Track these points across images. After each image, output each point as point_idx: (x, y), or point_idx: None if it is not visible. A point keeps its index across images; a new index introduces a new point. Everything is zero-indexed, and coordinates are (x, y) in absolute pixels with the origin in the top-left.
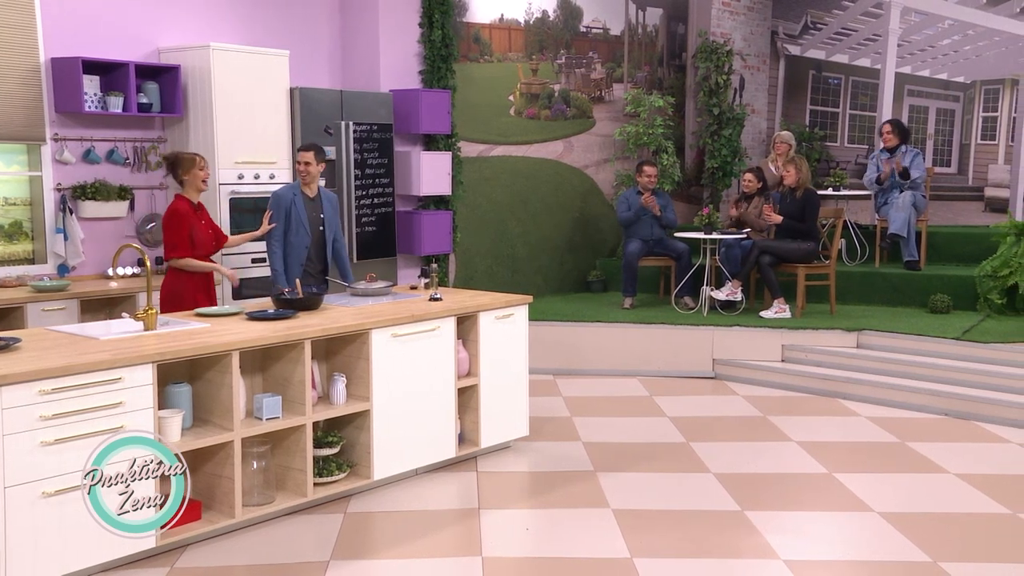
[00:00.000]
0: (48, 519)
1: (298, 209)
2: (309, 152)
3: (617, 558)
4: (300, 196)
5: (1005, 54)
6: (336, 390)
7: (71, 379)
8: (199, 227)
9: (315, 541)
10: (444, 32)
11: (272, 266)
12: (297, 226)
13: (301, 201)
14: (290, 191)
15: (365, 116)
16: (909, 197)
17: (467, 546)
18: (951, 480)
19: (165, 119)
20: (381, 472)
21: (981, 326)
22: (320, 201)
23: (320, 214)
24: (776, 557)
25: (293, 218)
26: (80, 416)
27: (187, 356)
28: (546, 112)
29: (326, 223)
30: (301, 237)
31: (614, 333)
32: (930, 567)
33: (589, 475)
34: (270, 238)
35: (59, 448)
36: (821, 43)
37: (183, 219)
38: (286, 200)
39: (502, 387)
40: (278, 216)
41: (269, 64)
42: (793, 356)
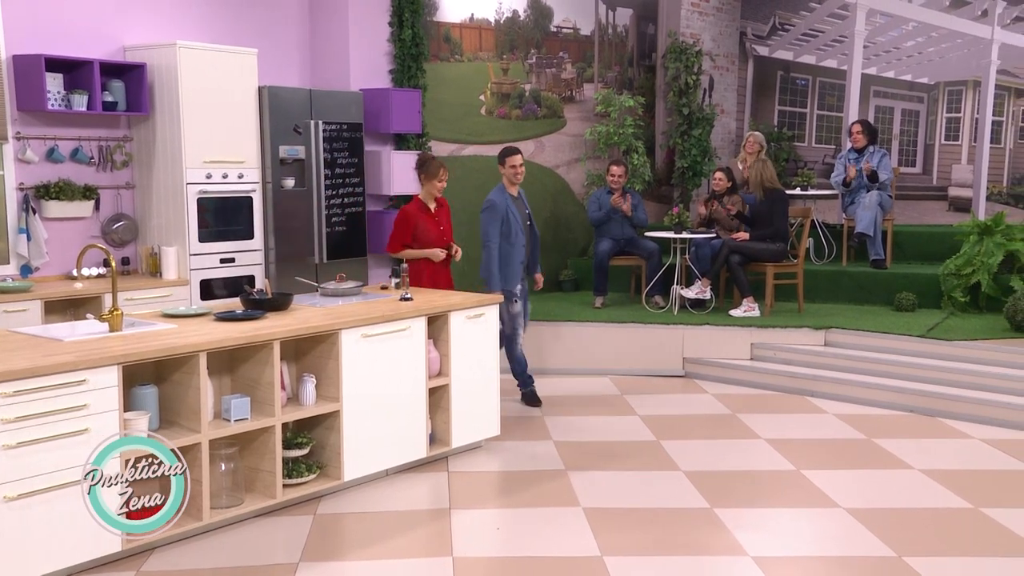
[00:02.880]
0: (10, 524)
1: (512, 213)
2: (519, 156)
3: (588, 556)
4: (510, 199)
5: (967, 56)
6: (306, 391)
7: (34, 381)
8: (425, 227)
9: (284, 543)
10: (414, 31)
11: (489, 269)
12: (516, 229)
13: (512, 204)
14: (502, 197)
15: (335, 115)
16: (876, 197)
17: (438, 546)
18: (916, 476)
19: (131, 118)
20: (351, 473)
21: (945, 324)
22: (522, 199)
23: (526, 210)
24: (744, 554)
25: (512, 222)
26: (43, 419)
27: (153, 357)
28: (517, 112)
29: (531, 219)
30: (519, 238)
31: (585, 332)
32: (895, 562)
33: (560, 474)
34: (488, 242)
35: (21, 452)
36: (789, 44)
37: (408, 219)
38: (502, 207)
39: (473, 387)
40: (494, 223)
41: (237, 62)
42: (762, 355)
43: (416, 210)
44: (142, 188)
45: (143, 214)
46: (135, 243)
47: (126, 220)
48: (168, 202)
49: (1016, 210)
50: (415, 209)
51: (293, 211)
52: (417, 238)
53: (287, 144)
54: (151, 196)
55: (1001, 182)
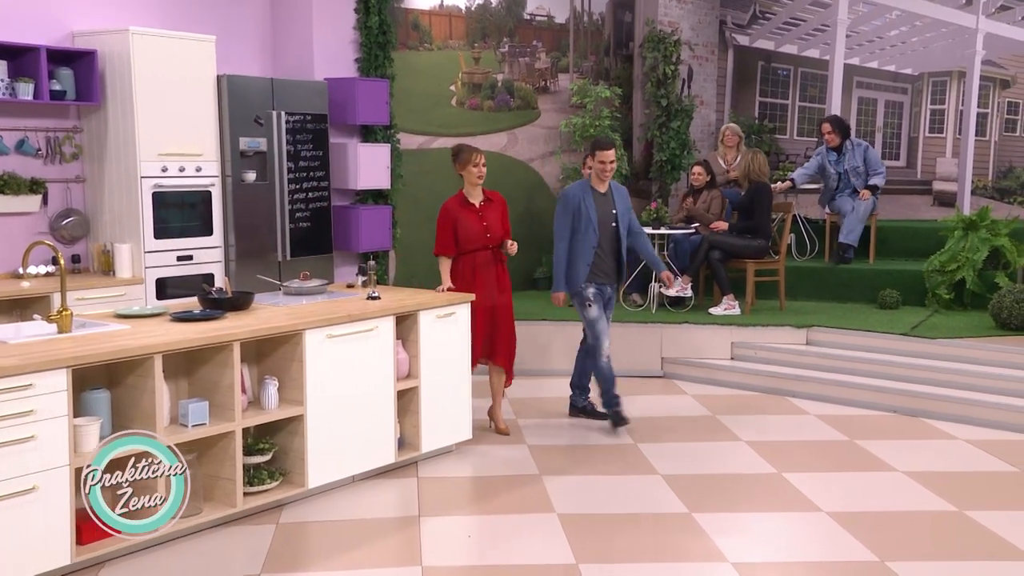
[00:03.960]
0: None
1: (587, 207)
2: (610, 151)
3: (562, 564)
4: (590, 194)
5: (952, 46)
6: (268, 394)
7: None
8: (466, 223)
9: (246, 554)
10: (381, 18)
11: (554, 267)
12: (586, 225)
13: (591, 199)
14: (579, 189)
15: (298, 106)
16: (870, 205)
17: (406, 555)
18: (899, 478)
19: (81, 107)
20: (316, 480)
21: (929, 321)
22: (611, 196)
23: (612, 209)
24: (724, 560)
25: (582, 217)
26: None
27: (105, 360)
28: (489, 103)
29: (619, 219)
30: (589, 236)
31: (560, 332)
32: (877, 567)
33: (534, 479)
34: (555, 237)
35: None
36: (770, 33)
37: (447, 216)
38: (574, 199)
39: (444, 389)
40: (561, 216)
41: (194, 50)
42: (742, 354)
43: (456, 205)
44: (93, 182)
45: (94, 209)
46: (86, 240)
47: (76, 215)
48: (121, 197)
49: (1001, 204)
50: (455, 204)
51: (254, 206)
52: (458, 237)
53: (248, 136)
54: (103, 190)
55: (986, 176)
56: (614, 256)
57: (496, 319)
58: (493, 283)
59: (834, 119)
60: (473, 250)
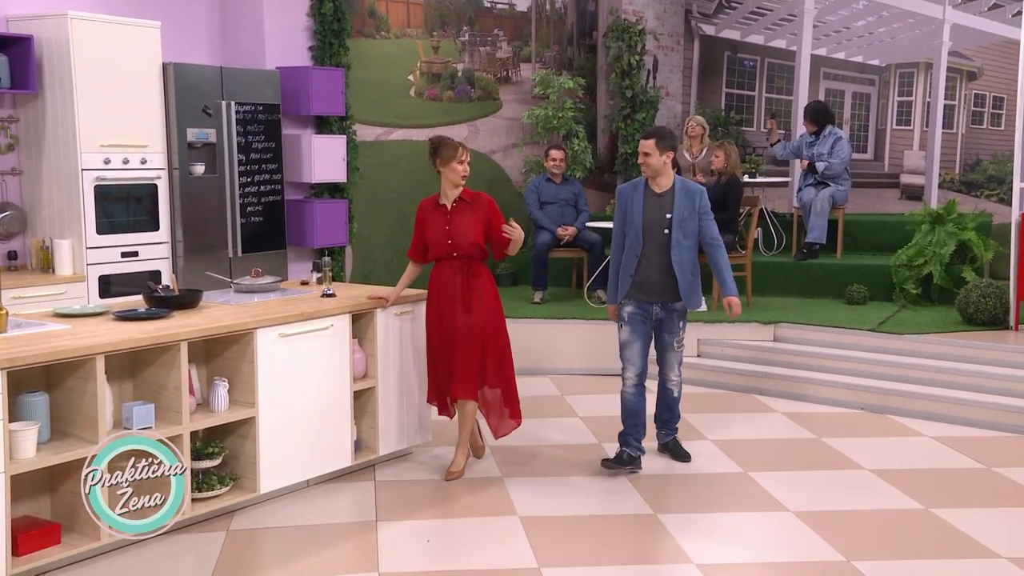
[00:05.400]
0: None
1: (634, 208)
2: (649, 140)
3: (524, 568)
4: (640, 193)
5: (919, 36)
6: (217, 396)
7: None
8: (432, 226)
9: (194, 563)
10: (336, 4)
11: (610, 274)
12: (629, 229)
13: (640, 199)
14: (629, 187)
15: (249, 95)
16: (828, 201)
17: (363, 561)
18: (866, 476)
19: (16, 96)
20: (268, 485)
21: (896, 317)
22: (671, 198)
23: (667, 214)
24: (689, 562)
25: (626, 220)
26: None
27: (43, 362)
28: (449, 93)
29: (673, 225)
30: (632, 243)
31: (524, 329)
32: (843, 567)
33: (496, 481)
34: (613, 240)
35: None
36: (736, 23)
37: (418, 216)
38: (621, 197)
39: (402, 389)
40: (617, 216)
41: (138, 36)
42: (709, 351)
43: (428, 205)
44: (31, 174)
45: (32, 203)
46: (23, 235)
47: (12, 210)
48: (61, 190)
49: (968, 198)
50: (428, 204)
51: (203, 200)
52: (426, 243)
53: (196, 127)
54: (41, 183)
55: (953, 169)
56: (663, 269)
57: (453, 343)
58: (455, 299)
59: (808, 108)
60: (438, 258)
